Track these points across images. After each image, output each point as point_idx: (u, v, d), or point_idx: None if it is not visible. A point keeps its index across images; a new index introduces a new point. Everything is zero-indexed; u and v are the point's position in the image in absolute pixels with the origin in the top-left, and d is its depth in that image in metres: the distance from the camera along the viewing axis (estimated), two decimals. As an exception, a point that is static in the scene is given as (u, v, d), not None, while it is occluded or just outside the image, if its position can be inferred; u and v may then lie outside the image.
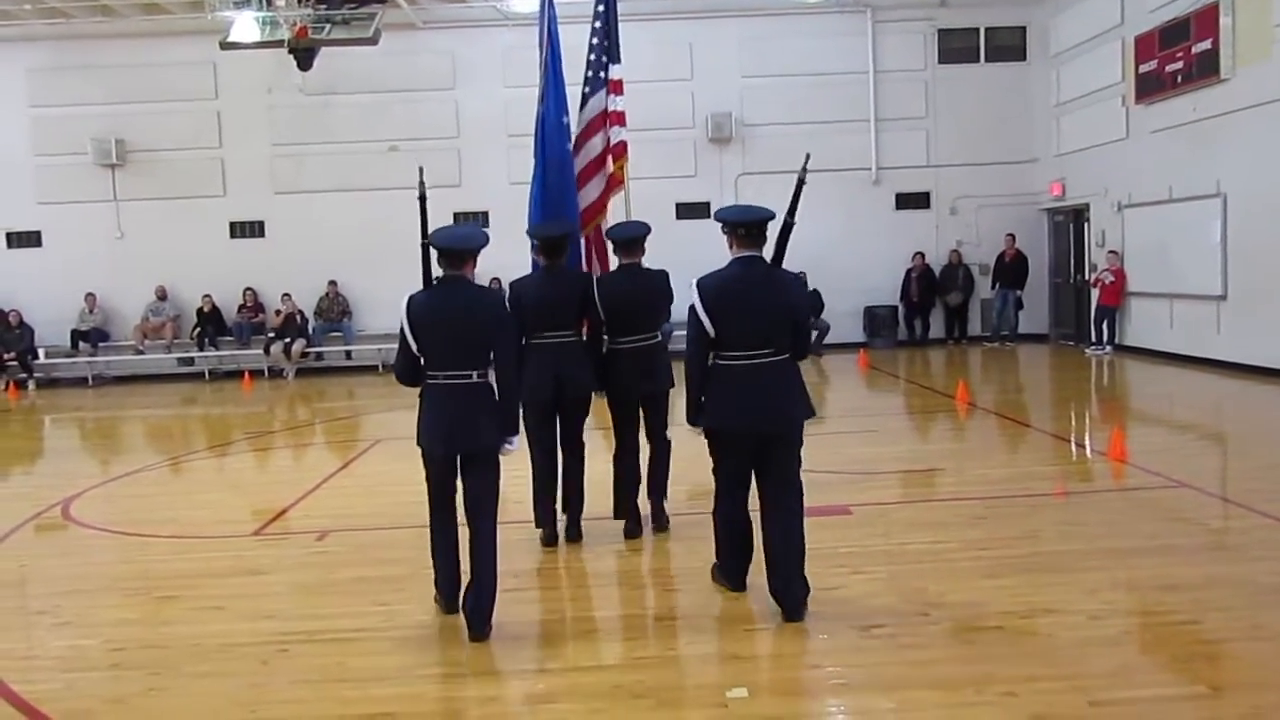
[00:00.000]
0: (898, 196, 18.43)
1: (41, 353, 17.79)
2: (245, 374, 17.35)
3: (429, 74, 17.96)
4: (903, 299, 18.35)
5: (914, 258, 18.15)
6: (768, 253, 5.04)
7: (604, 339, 6.27)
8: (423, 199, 5.11)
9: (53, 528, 7.56)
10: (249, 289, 17.99)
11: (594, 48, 7.15)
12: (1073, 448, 9.46)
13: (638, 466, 6.40)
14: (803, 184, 5.11)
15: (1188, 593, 5.03)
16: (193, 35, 16.84)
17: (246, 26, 14.51)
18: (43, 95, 17.88)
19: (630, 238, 6.30)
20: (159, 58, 17.67)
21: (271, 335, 17.69)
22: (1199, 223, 13.68)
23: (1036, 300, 18.19)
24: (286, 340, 17.50)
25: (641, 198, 7.18)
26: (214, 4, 15.26)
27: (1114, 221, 15.96)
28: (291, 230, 18.08)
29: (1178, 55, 13.77)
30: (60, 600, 5.74)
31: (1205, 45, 13.18)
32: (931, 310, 18.40)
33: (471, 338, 4.82)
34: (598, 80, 7.10)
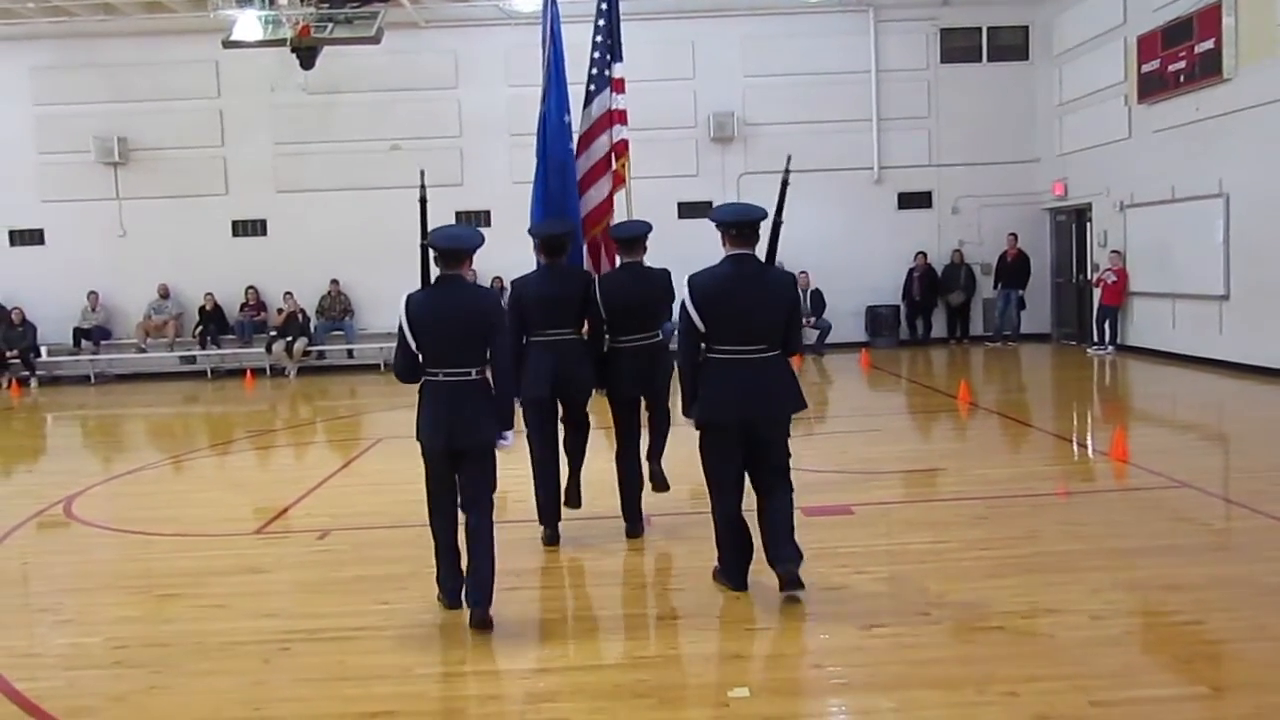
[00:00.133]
0: (900, 196, 18.41)
1: (44, 351, 17.79)
2: (247, 372, 17.36)
3: (431, 73, 17.94)
4: (905, 298, 18.33)
5: (916, 257, 18.13)
6: (763, 251, 5.18)
7: (605, 338, 6.27)
8: (423, 201, 5.29)
9: (55, 525, 7.57)
10: (251, 287, 18.00)
11: (597, 46, 7.11)
12: (1075, 448, 9.46)
13: (639, 467, 6.39)
14: (786, 185, 5.30)
15: (1190, 593, 5.03)
16: (195, 34, 16.82)
17: (249, 25, 14.51)
18: (46, 93, 17.89)
19: (632, 236, 6.29)
20: (162, 56, 17.67)
21: (273, 334, 17.70)
22: (1201, 222, 13.67)
23: (1039, 300, 18.18)
24: (288, 339, 17.50)
25: (643, 197, 7.17)
26: (217, 2, 15.25)
27: (1116, 221, 15.95)
28: (294, 229, 18.07)
29: (1180, 55, 13.75)
30: (62, 598, 5.75)
31: (1208, 45, 13.17)
32: (933, 310, 18.37)
33: (468, 336, 4.94)
34: (602, 79, 7.06)
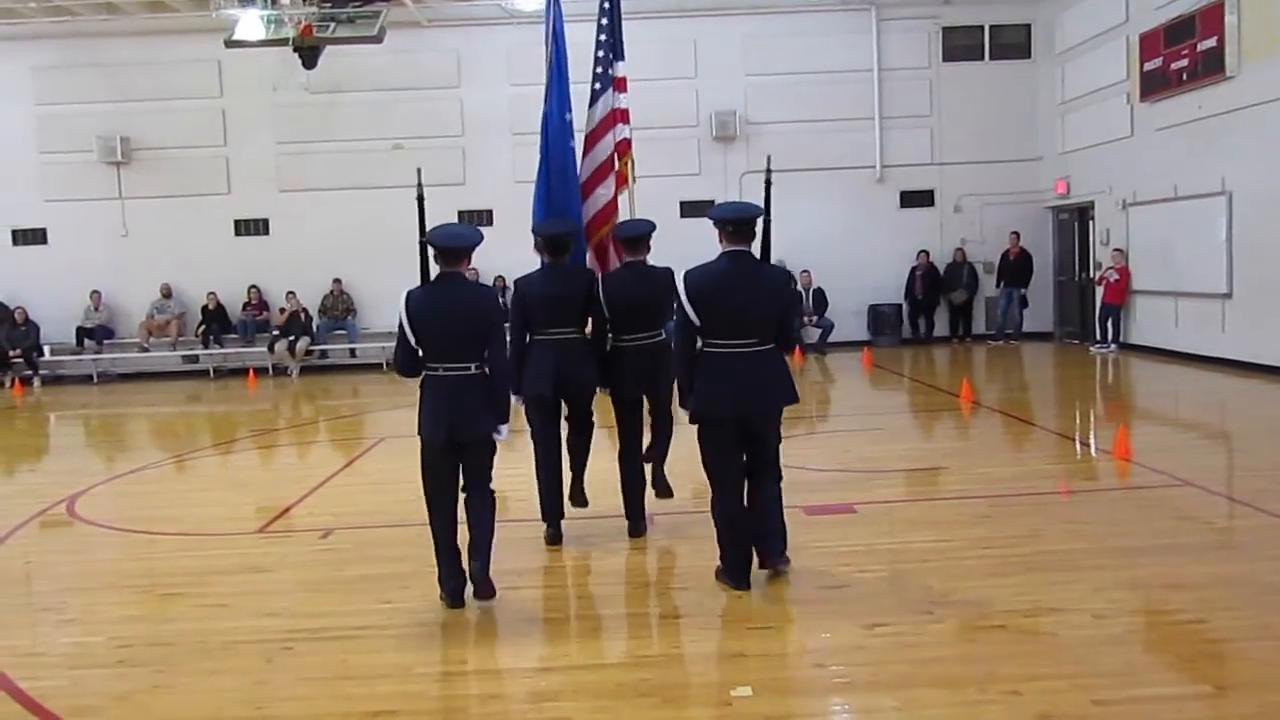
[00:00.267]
0: (902, 194, 18.38)
1: (47, 350, 17.80)
2: (250, 372, 17.36)
3: (434, 72, 17.94)
4: (907, 297, 18.31)
5: (918, 256, 18.11)
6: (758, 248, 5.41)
7: (607, 337, 6.26)
8: (420, 200, 5.48)
9: (58, 524, 7.58)
10: (254, 287, 18.01)
11: (601, 44, 7.09)
12: (1077, 446, 9.46)
13: (641, 466, 6.39)
14: (769, 185, 5.63)
15: (1193, 592, 5.03)
16: (198, 33, 16.82)
17: (251, 25, 14.52)
18: (48, 93, 17.90)
19: (635, 235, 6.28)
20: (164, 55, 17.67)
21: (276, 333, 17.71)
22: (1204, 221, 13.65)
23: (1041, 298, 18.16)
24: (291, 338, 17.52)
25: (645, 196, 7.16)
26: (219, 2, 15.23)
27: (1119, 219, 15.93)
28: (296, 228, 18.08)
29: (1183, 53, 13.73)
30: (65, 597, 5.76)
31: (1210, 43, 13.15)
32: (936, 308, 18.34)
33: (467, 331, 5.10)
34: (605, 78, 7.03)
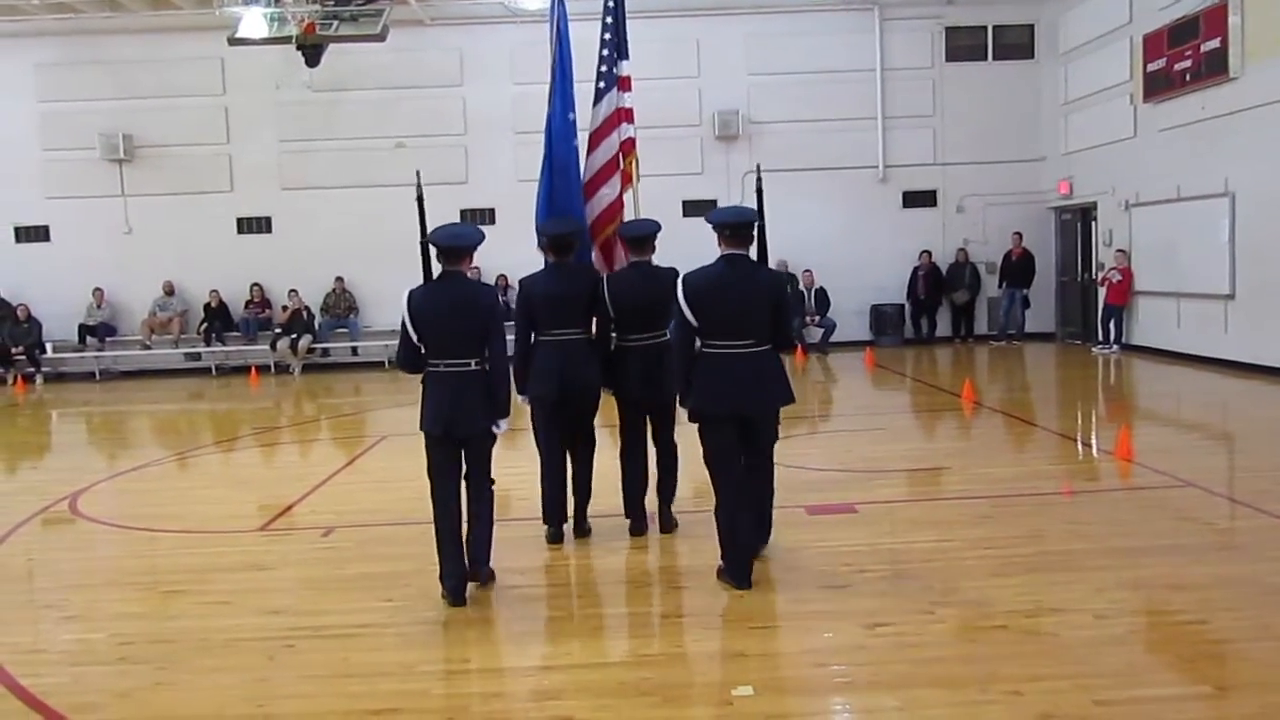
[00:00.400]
0: (905, 195, 18.38)
1: (49, 347, 17.82)
2: (252, 369, 17.38)
3: (437, 70, 17.95)
4: (909, 297, 18.30)
5: (921, 256, 18.10)
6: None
7: (611, 337, 6.27)
8: (420, 200, 5.61)
9: (60, 522, 7.59)
10: (256, 285, 18.03)
11: (605, 43, 7.08)
12: (1079, 447, 9.45)
13: (644, 465, 6.39)
14: (761, 192, 5.85)
15: (1194, 592, 5.03)
16: (201, 31, 16.83)
17: (254, 22, 14.50)
18: (51, 90, 17.91)
19: (640, 235, 6.27)
20: (167, 53, 17.68)
21: (278, 331, 17.72)
22: (1207, 222, 13.64)
23: (1043, 299, 18.15)
24: (293, 336, 17.53)
25: (648, 195, 7.16)
26: (222, 0, 15.27)
27: (1121, 220, 15.92)
28: (299, 226, 18.09)
29: (1186, 54, 13.72)
30: (67, 594, 5.77)
31: (1214, 44, 13.14)
32: (938, 309, 18.33)
33: (466, 329, 5.22)
34: (610, 76, 7.02)
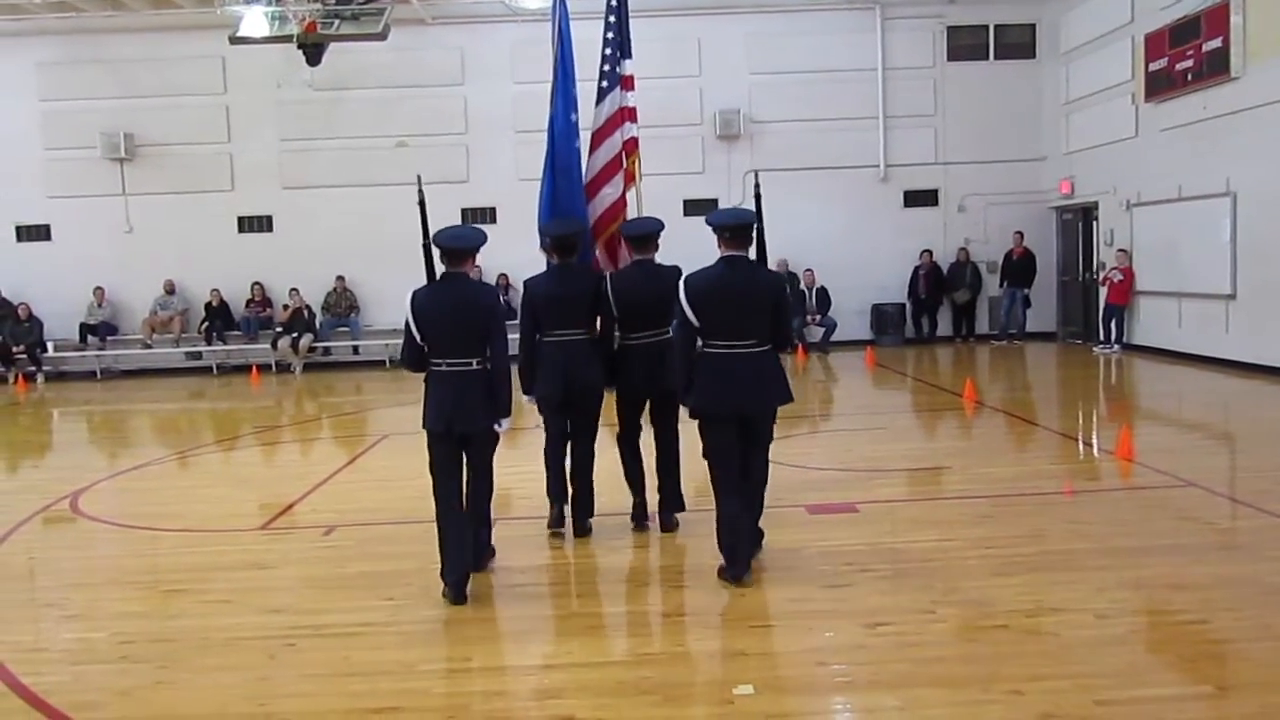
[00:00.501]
0: (906, 194, 18.37)
1: (50, 346, 17.83)
2: (253, 368, 17.39)
3: (438, 70, 17.95)
4: (910, 296, 18.29)
5: (922, 255, 18.10)
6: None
7: (615, 336, 6.28)
8: (422, 204, 5.65)
9: (61, 521, 7.59)
10: (257, 283, 18.04)
11: (609, 42, 7.06)
12: (1080, 446, 9.44)
13: (638, 448, 6.45)
14: (759, 197, 5.84)
15: (1195, 592, 5.02)
16: (202, 30, 16.84)
17: (256, 21, 14.50)
18: (52, 89, 17.92)
19: (644, 234, 6.29)
20: (168, 52, 17.69)
21: (279, 330, 17.72)
22: (1208, 221, 13.63)
23: (1044, 298, 18.15)
24: (294, 335, 17.52)
25: (649, 194, 7.17)
26: (223, -1, 15.30)
27: (1123, 220, 15.91)
28: (300, 225, 18.09)
29: (1188, 53, 13.71)
30: (68, 593, 5.78)
31: (1215, 43, 13.14)
32: (939, 308, 18.32)
33: (468, 329, 5.31)
34: (613, 75, 7.01)
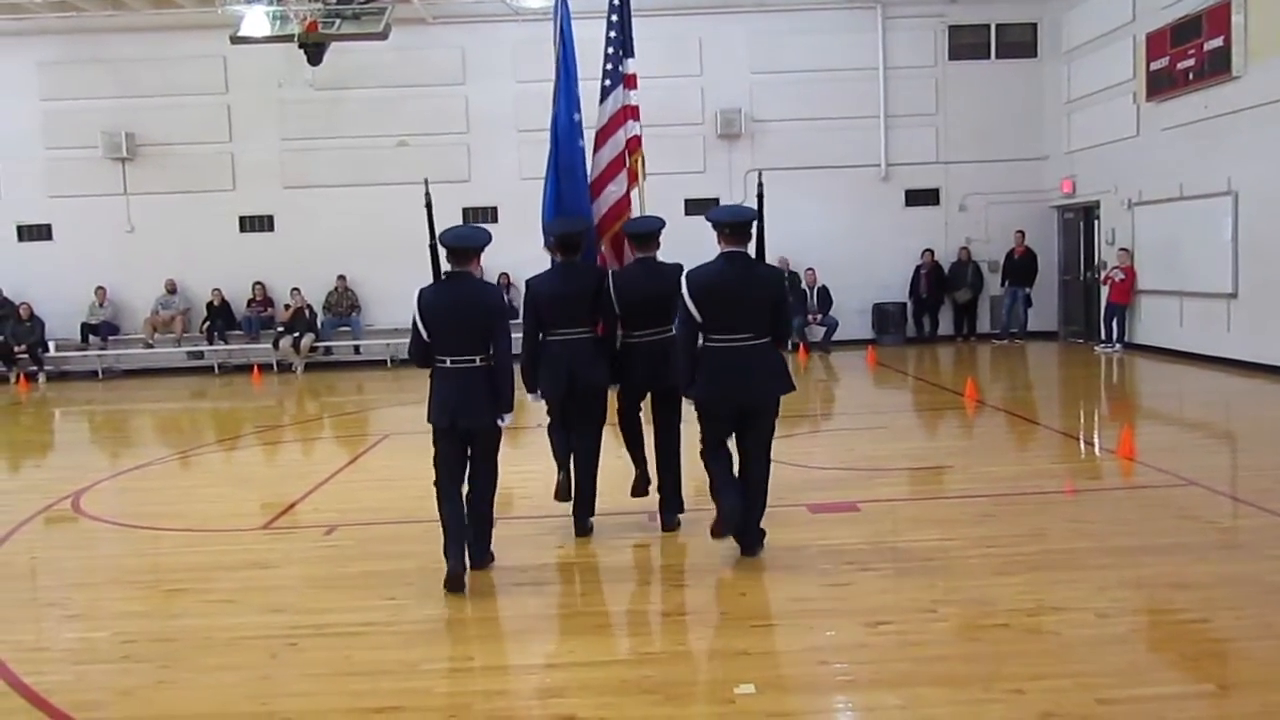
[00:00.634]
0: (907, 193, 18.36)
1: (52, 346, 17.84)
2: (254, 368, 17.41)
3: (439, 69, 17.94)
4: (912, 296, 18.29)
5: (923, 254, 18.10)
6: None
7: (618, 335, 6.29)
8: (429, 205, 5.87)
9: (63, 520, 7.60)
10: (258, 283, 18.05)
11: (611, 41, 7.06)
12: (1082, 445, 9.44)
13: (639, 423, 6.48)
14: (762, 197, 5.95)
15: (1197, 591, 5.02)
16: (203, 29, 16.87)
17: (257, 21, 14.53)
18: (53, 88, 17.92)
19: (646, 232, 6.31)
20: (169, 51, 17.70)
21: (280, 329, 17.73)
22: (1210, 220, 13.63)
23: (1046, 297, 18.14)
24: (295, 334, 17.53)
25: (651, 193, 7.17)
26: (224, -2, 15.31)
27: (1124, 219, 15.90)
28: (301, 225, 18.10)
29: (1189, 52, 13.71)
30: (70, 592, 5.78)
31: (1217, 42, 13.13)
32: (940, 307, 18.33)
33: (473, 326, 5.45)
34: (616, 74, 7.00)
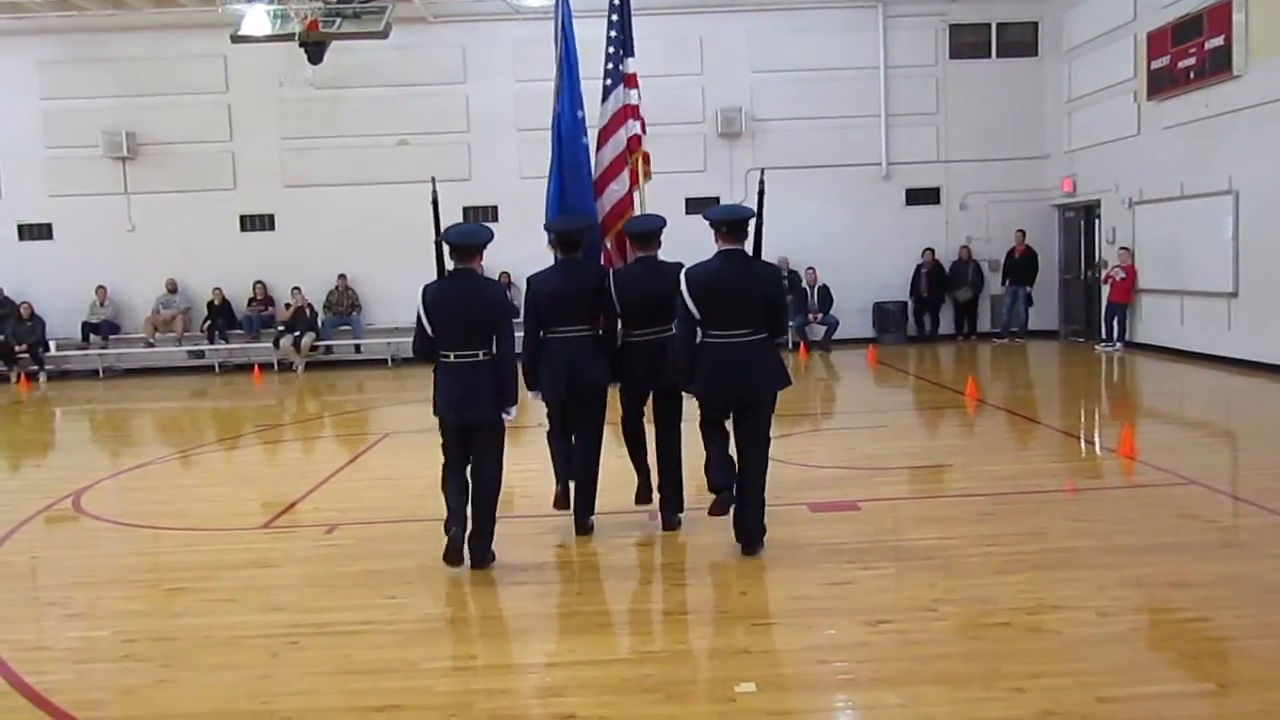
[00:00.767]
0: (908, 192, 18.36)
1: (53, 345, 17.85)
2: (255, 367, 17.41)
3: (439, 68, 17.93)
4: (912, 294, 18.29)
5: (924, 253, 18.10)
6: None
7: (618, 333, 6.29)
8: (435, 204, 5.97)
9: (64, 520, 7.60)
10: (259, 282, 18.05)
11: (611, 40, 7.05)
12: (1082, 444, 9.44)
13: (642, 430, 6.46)
14: (762, 195, 5.99)
15: (1197, 590, 5.03)
16: (204, 28, 16.88)
17: (257, 20, 14.53)
18: (54, 88, 17.92)
19: (647, 231, 6.31)
20: (170, 51, 17.70)
21: (281, 328, 17.73)
22: (1210, 219, 13.62)
23: (1047, 296, 18.13)
24: (296, 334, 17.53)
25: (651, 192, 7.17)
26: (225, -3, 15.31)
27: (1125, 218, 15.90)
28: (301, 224, 18.10)
29: (1190, 51, 13.70)
30: (71, 592, 5.78)
31: (1218, 41, 13.13)
32: (941, 306, 18.33)
33: (477, 321, 5.56)
34: (616, 73, 7.00)
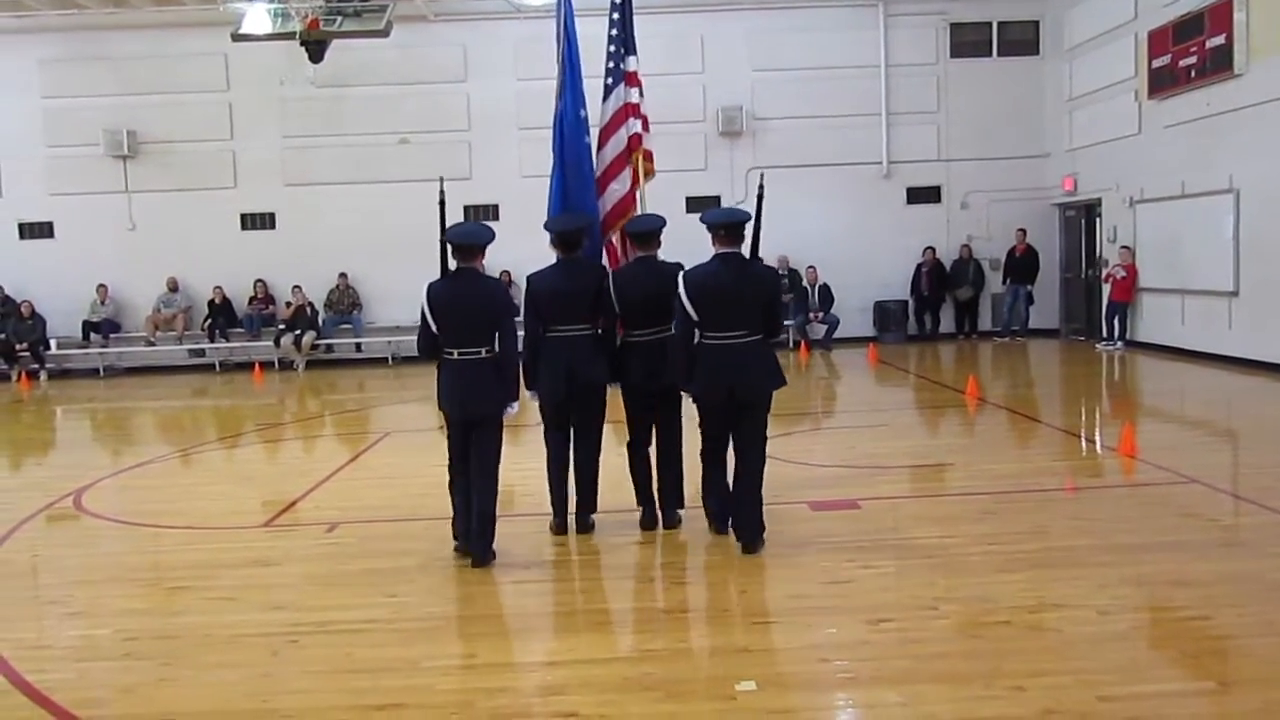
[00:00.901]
0: (909, 191, 18.36)
1: (53, 344, 17.85)
2: (256, 366, 17.41)
3: (440, 66, 17.92)
4: (913, 293, 18.29)
5: (924, 252, 18.09)
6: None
7: (618, 333, 6.28)
8: (442, 204, 5.94)
9: (64, 518, 7.61)
10: (260, 281, 18.05)
11: (612, 39, 7.04)
12: (1083, 443, 9.44)
13: (648, 457, 6.41)
14: (761, 198, 5.98)
15: (1198, 588, 5.03)
16: (205, 27, 16.88)
17: (258, 18, 14.52)
18: (54, 86, 17.92)
19: (646, 231, 6.30)
20: (171, 49, 17.71)
21: (282, 327, 17.72)
22: (1211, 218, 13.62)
23: (1047, 295, 18.13)
24: (297, 332, 17.53)
25: (651, 191, 7.17)
26: (225, -4, 15.31)
27: (1126, 217, 15.89)
28: (302, 223, 18.11)
29: (1191, 50, 13.70)
30: (72, 590, 5.78)
31: (1219, 40, 13.12)
32: (942, 305, 18.32)
33: (480, 319, 5.66)
34: (618, 72, 6.99)
